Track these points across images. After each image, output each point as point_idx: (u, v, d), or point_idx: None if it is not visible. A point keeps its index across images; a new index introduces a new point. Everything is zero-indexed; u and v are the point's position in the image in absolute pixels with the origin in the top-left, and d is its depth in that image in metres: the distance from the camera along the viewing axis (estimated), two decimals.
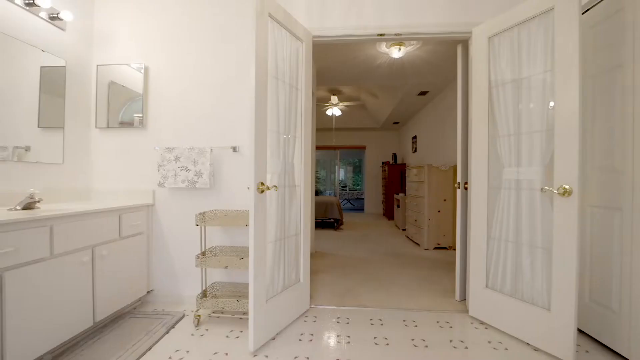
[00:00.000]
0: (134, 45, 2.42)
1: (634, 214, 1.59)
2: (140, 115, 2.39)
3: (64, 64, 2.18)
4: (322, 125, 8.16)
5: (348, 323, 2.06)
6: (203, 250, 2.21)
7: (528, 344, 1.80)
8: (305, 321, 2.09)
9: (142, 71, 2.38)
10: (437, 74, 4.42)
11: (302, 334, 1.91)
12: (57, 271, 1.58)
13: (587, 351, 1.74)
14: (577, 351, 1.66)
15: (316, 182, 12.87)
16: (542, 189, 1.74)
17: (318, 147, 8.93)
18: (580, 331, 1.91)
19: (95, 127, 2.42)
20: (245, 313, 2.15)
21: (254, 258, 1.69)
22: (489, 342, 1.84)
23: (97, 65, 2.40)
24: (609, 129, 1.75)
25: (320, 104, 6.56)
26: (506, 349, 1.77)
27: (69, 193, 2.24)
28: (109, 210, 1.92)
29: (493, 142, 2.05)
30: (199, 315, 2.02)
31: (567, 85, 1.62)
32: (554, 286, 1.67)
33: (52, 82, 2.12)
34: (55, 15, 2.07)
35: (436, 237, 4.29)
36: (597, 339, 1.80)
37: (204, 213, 2.09)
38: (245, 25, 2.34)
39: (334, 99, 6.06)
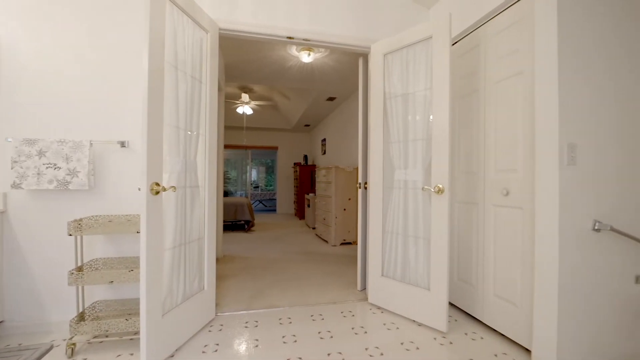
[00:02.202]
0: None
1: (485, 206, 2.02)
2: None
3: None
4: (233, 124, 7.82)
5: (257, 326, 2.02)
6: (79, 264, 1.84)
7: (414, 321, 2.10)
8: (210, 331, 1.96)
9: None
10: (343, 81, 4.74)
11: (206, 345, 1.79)
12: None
13: (456, 320, 2.13)
14: (449, 321, 2.03)
15: (226, 182, 12.23)
16: (423, 188, 2.05)
17: (228, 146, 8.53)
18: (452, 305, 2.33)
19: None
20: (137, 332, 1.89)
21: (147, 269, 1.49)
22: (384, 324, 2.07)
23: None
24: (469, 140, 2.18)
25: (230, 100, 6.27)
26: (397, 328, 2.02)
27: None
28: None
29: (387, 147, 2.32)
30: (73, 344, 1.67)
31: (440, 103, 1.95)
32: (432, 269, 1.99)
33: None
34: None
35: (342, 234, 4.60)
36: (464, 309, 2.22)
37: (81, 220, 1.74)
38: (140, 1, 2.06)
39: (245, 96, 5.88)
